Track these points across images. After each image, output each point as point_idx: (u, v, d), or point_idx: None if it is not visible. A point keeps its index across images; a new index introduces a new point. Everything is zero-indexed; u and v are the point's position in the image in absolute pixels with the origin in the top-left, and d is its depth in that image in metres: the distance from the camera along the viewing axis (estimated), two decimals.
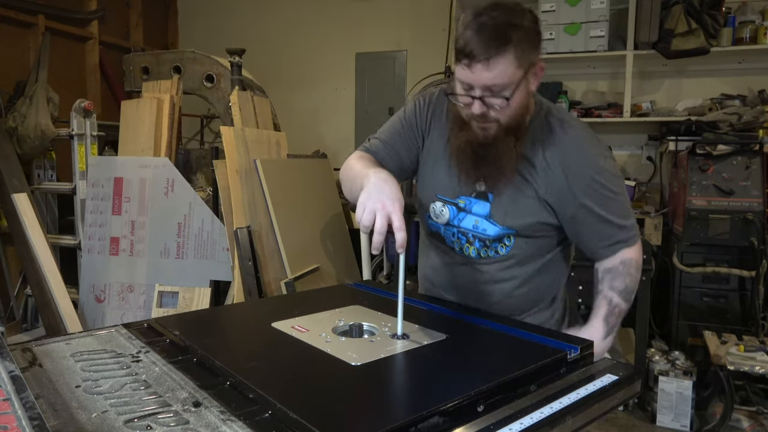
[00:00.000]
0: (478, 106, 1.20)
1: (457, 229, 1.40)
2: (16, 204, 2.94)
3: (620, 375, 1.05)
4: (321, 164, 3.67)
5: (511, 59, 1.14)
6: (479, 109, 1.20)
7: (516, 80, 1.17)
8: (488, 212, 1.35)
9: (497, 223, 1.34)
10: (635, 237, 1.37)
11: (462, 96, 1.22)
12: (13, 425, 0.68)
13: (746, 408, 2.76)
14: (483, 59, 1.13)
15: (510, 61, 1.14)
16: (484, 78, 1.16)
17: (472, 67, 1.15)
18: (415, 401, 0.90)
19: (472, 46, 1.14)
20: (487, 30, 1.13)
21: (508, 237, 1.36)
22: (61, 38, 3.91)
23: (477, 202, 1.36)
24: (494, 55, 1.13)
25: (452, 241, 1.42)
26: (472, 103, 1.21)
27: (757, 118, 3.12)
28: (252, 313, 1.56)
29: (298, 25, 4.83)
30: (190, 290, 2.94)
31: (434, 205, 1.42)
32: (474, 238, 1.38)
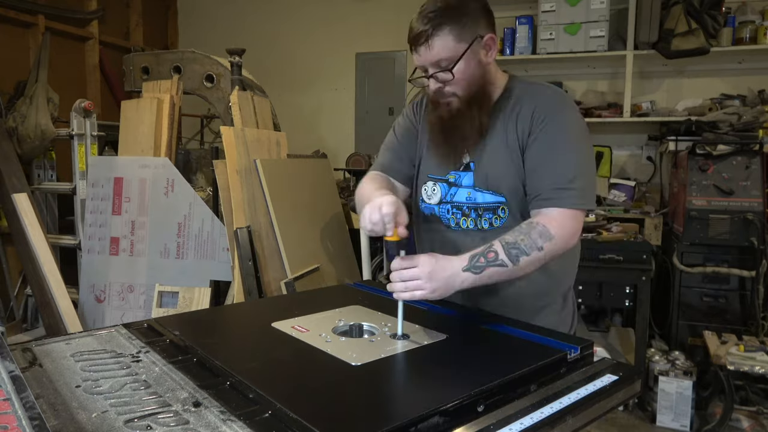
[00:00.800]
0: (432, 83, 1.33)
1: (450, 205, 1.43)
2: (16, 204, 2.94)
3: (620, 375, 1.05)
4: (321, 164, 3.67)
5: (449, 37, 1.26)
6: (434, 85, 1.33)
7: (459, 53, 1.28)
8: (473, 181, 1.39)
9: (483, 189, 1.38)
10: (574, 198, 1.27)
11: (420, 79, 1.35)
12: (13, 425, 0.68)
13: (746, 408, 2.76)
14: (423, 41, 1.27)
15: (449, 38, 1.27)
16: (428, 57, 1.29)
17: (417, 50, 1.30)
18: (415, 401, 0.90)
19: (415, 31, 1.28)
20: (426, 14, 1.27)
21: (501, 208, 1.37)
22: (61, 38, 3.91)
23: (465, 174, 1.41)
24: (432, 34, 1.26)
25: (447, 218, 1.44)
26: (426, 84, 1.35)
27: (757, 118, 3.12)
28: (252, 313, 1.56)
29: (298, 25, 4.83)
30: (190, 290, 2.94)
31: (426, 185, 1.48)
32: (469, 210, 1.41)
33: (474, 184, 1.39)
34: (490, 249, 1.22)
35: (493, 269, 1.21)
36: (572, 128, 1.32)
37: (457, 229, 1.43)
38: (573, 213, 1.27)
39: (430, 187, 1.46)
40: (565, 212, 1.26)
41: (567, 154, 1.29)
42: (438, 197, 1.45)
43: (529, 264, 1.23)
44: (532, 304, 1.43)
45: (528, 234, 1.23)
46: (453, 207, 1.43)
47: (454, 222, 1.43)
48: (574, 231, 1.29)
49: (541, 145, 1.30)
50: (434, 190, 1.45)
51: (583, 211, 1.30)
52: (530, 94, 1.36)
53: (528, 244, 1.22)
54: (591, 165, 1.37)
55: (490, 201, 1.37)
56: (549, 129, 1.30)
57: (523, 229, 1.25)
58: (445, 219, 1.44)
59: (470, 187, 1.40)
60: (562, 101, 1.36)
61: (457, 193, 1.42)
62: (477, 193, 1.39)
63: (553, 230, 1.24)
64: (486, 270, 1.21)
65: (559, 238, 1.24)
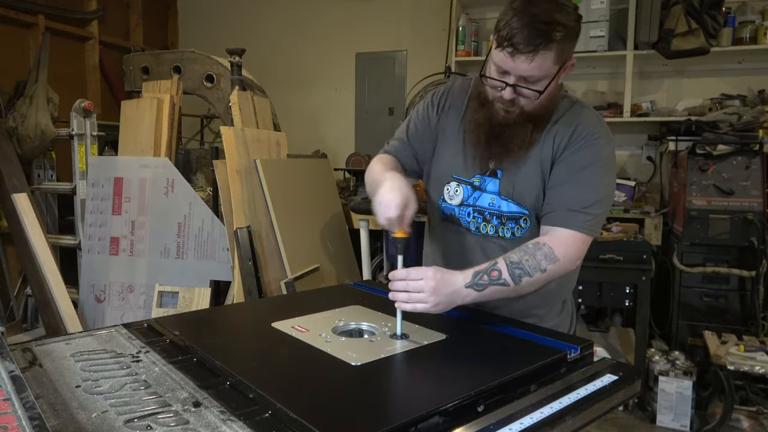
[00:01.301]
0: (509, 92, 1.24)
1: (472, 208, 1.41)
2: (16, 204, 2.94)
3: (620, 375, 1.05)
4: (321, 164, 3.67)
5: (552, 56, 1.18)
6: (509, 95, 1.24)
7: (552, 75, 1.21)
8: (498, 188, 1.37)
9: (508, 198, 1.36)
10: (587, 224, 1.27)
11: (495, 80, 1.25)
12: (13, 425, 0.68)
13: (746, 408, 2.76)
14: (527, 52, 1.16)
15: (551, 58, 1.18)
16: (522, 69, 1.19)
17: (514, 57, 1.18)
18: (415, 401, 0.90)
19: (520, 37, 1.15)
20: (537, 24, 1.15)
21: (524, 219, 1.36)
22: (61, 38, 3.91)
23: (490, 180, 1.39)
24: (540, 51, 1.16)
25: (468, 221, 1.42)
26: (503, 88, 1.24)
27: (757, 118, 3.12)
28: (252, 313, 1.56)
29: (298, 25, 4.83)
30: (190, 290, 2.94)
31: (449, 185, 1.44)
32: (491, 216, 1.39)
33: (499, 191, 1.37)
34: (493, 267, 1.22)
35: (495, 288, 1.21)
36: (604, 157, 1.31)
37: (477, 233, 1.42)
38: (582, 237, 1.28)
39: (453, 188, 1.43)
40: (575, 235, 1.27)
41: (592, 179, 1.29)
42: (460, 199, 1.42)
43: (530, 284, 1.23)
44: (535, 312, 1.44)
45: (533, 255, 1.23)
46: (475, 211, 1.41)
47: (474, 226, 1.42)
48: (579, 254, 1.30)
49: (569, 165, 1.30)
50: (457, 192, 1.42)
51: (591, 237, 1.30)
52: (572, 114, 1.34)
53: (532, 265, 1.22)
54: (611, 196, 1.37)
55: (514, 211, 1.36)
56: (582, 152, 1.29)
57: (529, 249, 1.25)
58: (465, 222, 1.43)
59: (495, 193, 1.38)
60: (601, 127, 1.34)
61: (480, 198, 1.40)
62: (501, 201, 1.37)
63: (558, 252, 1.24)
64: (488, 288, 1.21)
65: (563, 261, 1.25)
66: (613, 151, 1.35)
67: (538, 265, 1.22)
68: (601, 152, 1.30)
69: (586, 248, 1.31)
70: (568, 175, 1.29)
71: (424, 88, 3.32)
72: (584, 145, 1.29)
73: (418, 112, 1.51)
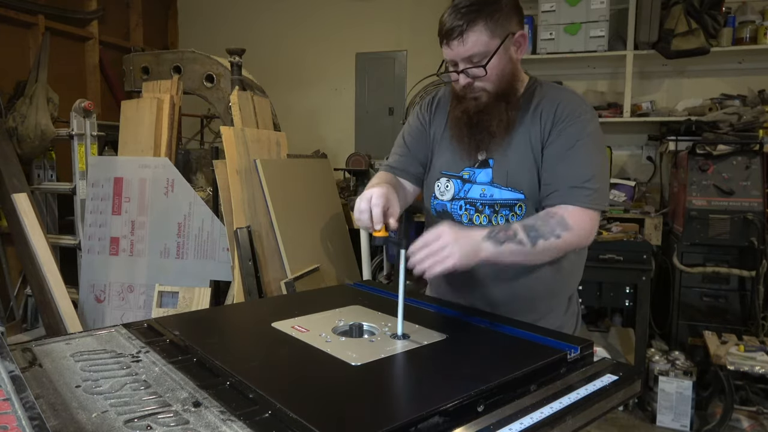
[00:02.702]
0: (462, 78, 1.33)
1: (464, 201, 1.43)
2: (16, 204, 2.94)
3: (620, 375, 1.05)
4: (321, 164, 3.67)
5: (483, 31, 1.27)
6: (464, 80, 1.33)
7: (491, 49, 1.29)
8: (491, 177, 1.39)
9: (501, 185, 1.38)
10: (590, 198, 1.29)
11: (450, 73, 1.35)
12: (13, 425, 0.68)
13: (746, 408, 2.76)
14: (457, 35, 1.27)
15: (484, 33, 1.27)
16: (461, 52, 1.29)
17: (450, 44, 1.30)
18: (415, 401, 0.90)
19: (448, 25, 1.28)
20: (459, 9, 1.27)
21: (519, 206, 1.38)
22: (61, 38, 3.91)
23: (481, 170, 1.41)
24: (466, 29, 1.27)
25: (460, 214, 1.44)
26: (457, 79, 1.34)
27: (757, 118, 3.12)
28: (252, 313, 1.56)
29: (298, 25, 4.83)
30: (190, 290, 2.94)
31: (439, 182, 1.47)
32: (483, 206, 1.41)
33: (492, 180, 1.39)
34: (509, 227, 1.24)
35: (512, 245, 1.22)
36: (592, 131, 1.34)
37: (470, 224, 1.42)
38: (588, 212, 1.29)
39: (443, 184, 1.46)
40: (581, 210, 1.29)
41: (586, 155, 1.32)
42: (451, 194, 1.44)
43: (545, 250, 1.25)
44: (545, 305, 1.45)
45: (546, 221, 1.26)
46: (466, 203, 1.42)
47: (467, 218, 1.43)
48: (590, 229, 1.31)
49: (561, 143, 1.32)
50: (447, 187, 1.45)
51: (597, 212, 1.32)
52: (552, 93, 1.39)
53: (547, 230, 1.25)
54: (607, 168, 1.41)
55: (508, 197, 1.38)
56: (570, 128, 1.32)
57: (541, 216, 1.28)
58: (457, 215, 1.44)
59: (486, 183, 1.40)
60: (583, 104, 1.38)
61: (471, 190, 1.42)
62: (494, 190, 1.39)
63: (570, 221, 1.26)
64: (505, 244, 1.22)
65: (576, 230, 1.26)
66: (598, 126, 1.38)
67: (552, 231, 1.24)
68: (587, 125, 1.34)
69: (596, 225, 1.33)
70: (562, 154, 1.32)
71: (424, 88, 3.32)
72: (571, 121, 1.33)
73: (410, 122, 1.58)
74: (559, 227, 1.25)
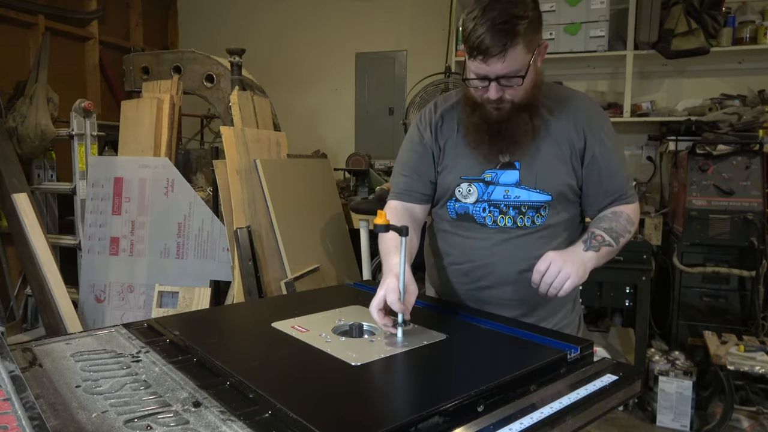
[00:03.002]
0: (494, 89, 1.30)
1: (487, 203, 1.43)
2: (16, 204, 2.94)
3: (620, 375, 1.05)
4: (321, 164, 3.67)
5: (521, 48, 1.25)
6: (495, 93, 1.30)
7: (527, 64, 1.28)
8: (518, 179, 1.41)
9: (530, 187, 1.40)
10: (633, 196, 1.47)
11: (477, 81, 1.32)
12: (13, 425, 0.68)
13: (746, 408, 2.76)
14: (497, 53, 1.23)
15: (521, 50, 1.25)
16: (498, 69, 1.26)
17: (487, 61, 1.25)
18: (415, 401, 0.90)
19: (486, 43, 1.23)
20: (498, 26, 1.21)
21: (544, 207, 1.41)
22: (61, 38, 3.91)
23: (503, 172, 1.42)
24: (508, 48, 1.23)
25: (483, 216, 1.44)
26: (487, 88, 1.31)
27: (757, 118, 3.12)
28: (252, 313, 1.56)
29: (298, 25, 4.83)
30: (190, 290, 2.94)
31: (460, 187, 1.46)
32: (507, 207, 1.42)
33: (519, 181, 1.40)
34: (593, 236, 1.37)
35: (605, 248, 1.37)
36: (615, 135, 1.46)
37: (494, 226, 1.43)
38: (637, 204, 1.48)
39: (465, 188, 1.45)
40: (634, 205, 1.47)
41: (621, 162, 1.46)
42: (475, 197, 1.44)
43: (623, 244, 1.41)
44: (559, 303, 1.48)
45: (617, 221, 1.41)
46: (490, 205, 1.43)
47: (491, 220, 1.43)
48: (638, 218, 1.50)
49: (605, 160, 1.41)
50: (470, 191, 1.45)
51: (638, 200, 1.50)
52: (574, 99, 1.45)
53: (621, 228, 1.40)
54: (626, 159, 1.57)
55: (535, 199, 1.40)
56: (607, 142, 1.42)
57: (611, 217, 1.42)
58: (480, 217, 1.44)
59: (511, 185, 1.41)
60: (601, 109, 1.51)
61: (494, 192, 1.42)
62: (521, 191, 1.40)
63: (632, 216, 1.44)
64: (601, 249, 1.36)
65: (635, 223, 1.45)
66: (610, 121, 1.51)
67: (625, 228, 1.41)
68: (612, 129, 1.45)
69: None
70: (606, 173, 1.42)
71: (424, 88, 3.32)
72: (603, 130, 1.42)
73: (412, 139, 1.54)
74: (628, 224, 1.42)
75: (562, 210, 1.43)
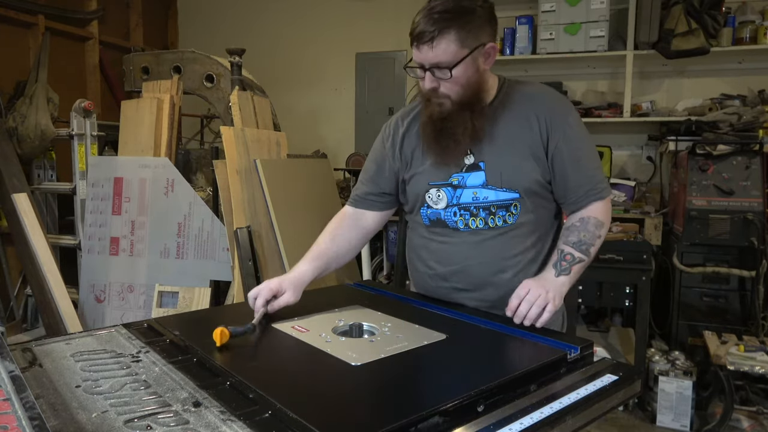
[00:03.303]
0: (428, 79, 1.34)
1: (457, 207, 1.43)
2: (16, 204, 2.94)
3: (620, 375, 1.05)
4: (321, 164, 3.67)
5: (452, 39, 1.27)
6: (429, 82, 1.34)
7: (459, 58, 1.29)
8: (484, 179, 1.41)
9: (496, 187, 1.40)
10: (605, 190, 1.43)
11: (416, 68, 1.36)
12: (13, 425, 0.68)
13: (746, 408, 2.76)
14: (427, 40, 1.28)
15: (452, 42, 1.27)
16: (429, 57, 1.30)
17: (419, 47, 1.30)
18: (415, 401, 0.90)
19: (420, 29, 1.28)
20: (432, 15, 1.27)
21: (514, 205, 1.40)
22: (61, 38, 3.91)
23: (469, 174, 1.42)
24: (436, 36, 1.26)
25: (455, 220, 1.44)
26: (424, 77, 1.34)
27: (757, 118, 3.12)
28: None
29: (298, 25, 4.83)
30: (190, 290, 2.94)
31: (429, 193, 1.47)
32: (477, 209, 1.41)
33: (486, 182, 1.40)
34: (563, 255, 1.37)
35: (577, 266, 1.36)
36: (582, 126, 1.44)
37: (466, 230, 1.43)
38: (607, 201, 1.45)
39: (434, 194, 1.46)
40: (604, 202, 1.43)
41: (588, 152, 1.43)
42: (445, 202, 1.44)
43: (596, 251, 1.41)
44: None
45: (586, 229, 1.39)
46: (460, 209, 1.42)
47: (462, 224, 1.43)
48: (610, 213, 1.48)
49: (569, 150, 1.39)
50: (439, 196, 1.45)
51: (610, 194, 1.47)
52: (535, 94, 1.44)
53: (590, 236, 1.39)
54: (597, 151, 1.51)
55: (503, 198, 1.40)
56: (570, 132, 1.39)
57: (578, 226, 1.40)
58: (452, 222, 1.44)
59: (478, 186, 1.41)
60: (566, 101, 1.48)
61: (462, 195, 1.42)
62: (488, 192, 1.40)
63: (601, 218, 1.41)
64: (572, 269, 1.36)
65: (606, 222, 1.43)
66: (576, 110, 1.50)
67: (594, 234, 1.39)
68: (578, 122, 1.43)
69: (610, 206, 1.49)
70: (571, 163, 1.39)
71: None
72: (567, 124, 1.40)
73: (375, 147, 1.60)
74: (597, 228, 1.40)
75: (535, 207, 1.42)
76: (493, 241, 1.41)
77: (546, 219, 1.46)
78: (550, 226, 1.48)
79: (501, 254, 1.41)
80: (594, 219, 1.40)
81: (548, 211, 1.47)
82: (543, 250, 1.46)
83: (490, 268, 1.42)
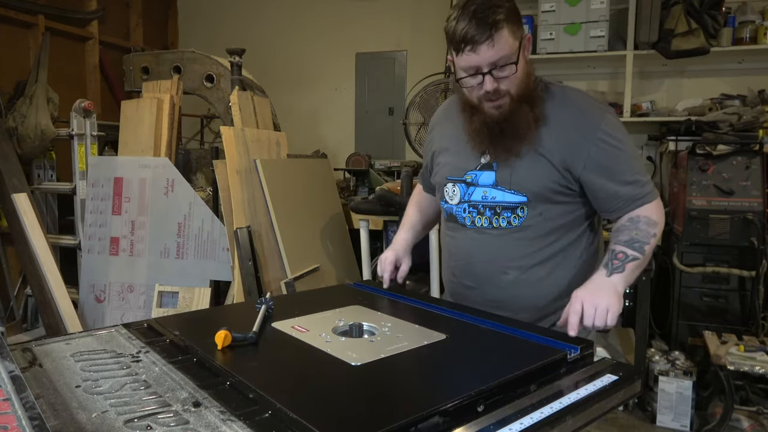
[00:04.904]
0: (489, 81, 1.30)
1: (467, 204, 1.46)
2: (16, 204, 2.94)
3: (620, 375, 1.05)
4: (321, 164, 3.67)
5: (506, 33, 1.26)
6: (491, 84, 1.30)
7: (516, 49, 1.29)
8: (494, 180, 1.41)
9: (505, 188, 1.40)
10: (650, 194, 1.37)
11: (470, 78, 1.31)
12: (13, 425, 0.68)
13: (746, 408, 2.76)
14: (486, 39, 1.25)
15: (507, 35, 1.27)
16: (488, 56, 1.27)
17: (476, 50, 1.26)
18: (415, 401, 0.90)
19: (472, 32, 1.25)
20: (480, 16, 1.25)
21: (521, 208, 1.39)
22: (61, 38, 3.91)
23: (482, 173, 1.43)
24: (494, 33, 1.25)
25: (463, 216, 1.47)
26: (482, 82, 1.30)
27: (757, 118, 3.12)
28: (252, 313, 1.56)
29: (299, 25, 4.83)
30: (190, 290, 2.94)
31: (446, 187, 1.51)
32: (484, 208, 1.43)
33: (495, 182, 1.41)
34: (614, 254, 1.32)
35: (631, 264, 1.31)
36: (617, 130, 1.37)
37: (472, 226, 1.46)
38: (657, 201, 1.39)
39: (450, 189, 1.50)
40: (653, 204, 1.38)
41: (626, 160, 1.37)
42: (458, 198, 1.48)
43: (651, 250, 1.35)
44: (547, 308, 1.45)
45: (637, 228, 1.34)
46: (469, 206, 1.45)
47: (469, 221, 1.46)
48: (663, 211, 1.42)
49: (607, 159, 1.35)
50: (454, 191, 1.48)
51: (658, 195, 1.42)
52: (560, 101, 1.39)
53: (643, 234, 1.34)
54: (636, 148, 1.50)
55: (510, 200, 1.40)
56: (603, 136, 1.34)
57: (629, 226, 1.35)
58: (461, 218, 1.47)
59: (488, 186, 1.42)
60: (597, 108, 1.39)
61: (474, 193, 1.44)
62: (497, 192, 1.41)
63: (653, 217, 1.36)
64: (626, 266, 1.30)
65: (660, 223, 1.37)
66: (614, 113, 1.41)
67: (648, 232, 1.34)
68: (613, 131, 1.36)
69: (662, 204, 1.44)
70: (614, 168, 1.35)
71: (424, 89, 3.32)
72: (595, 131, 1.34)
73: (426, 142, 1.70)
74: (649, 226, 1.35)
75: (546, 211, 1.38)
76: (496, 241, 1.42)
77: (564, 225, 1.42)
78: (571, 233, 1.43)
79: (503, 255, 1.42)
80: (645, 218, 1.35)
81: (569, 217, 1.42)
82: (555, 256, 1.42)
83: (492, 267, 1.44)
